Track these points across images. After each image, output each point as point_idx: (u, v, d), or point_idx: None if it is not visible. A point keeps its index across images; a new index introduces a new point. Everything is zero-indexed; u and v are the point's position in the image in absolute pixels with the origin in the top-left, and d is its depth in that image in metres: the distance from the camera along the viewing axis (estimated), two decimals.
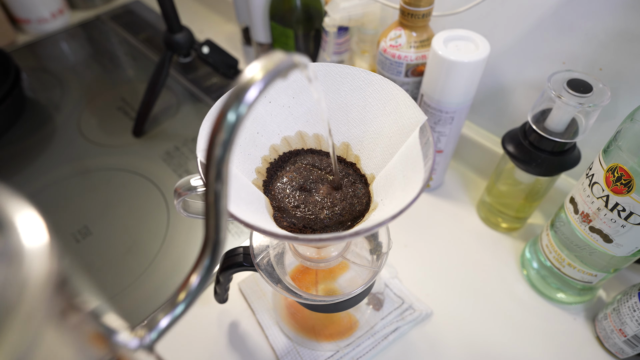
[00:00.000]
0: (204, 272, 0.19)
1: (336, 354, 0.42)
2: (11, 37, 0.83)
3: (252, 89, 0.17)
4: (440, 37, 0.43)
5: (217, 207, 0.18)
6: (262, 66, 0.17)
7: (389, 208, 0.24)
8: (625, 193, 0.34)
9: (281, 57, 0.18)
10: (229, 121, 0.17)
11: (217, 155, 0.17)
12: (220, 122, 0.17)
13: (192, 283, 0.20)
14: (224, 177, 0.18)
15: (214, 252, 0.19)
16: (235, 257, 0.36)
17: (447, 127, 0.48)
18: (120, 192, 0.58)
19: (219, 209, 0.18)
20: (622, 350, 0.41)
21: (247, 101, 0.17)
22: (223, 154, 0.17)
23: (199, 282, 0.20)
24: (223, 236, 0.19)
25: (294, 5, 0.57)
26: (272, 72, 0.17)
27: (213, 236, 0.19)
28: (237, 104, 0.16)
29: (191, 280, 0.20)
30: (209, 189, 0.18)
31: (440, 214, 0.55)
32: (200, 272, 0.19)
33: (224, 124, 0.17)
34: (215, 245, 0.19)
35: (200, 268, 0.19)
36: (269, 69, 0.17)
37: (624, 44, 0.40)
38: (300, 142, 0.31)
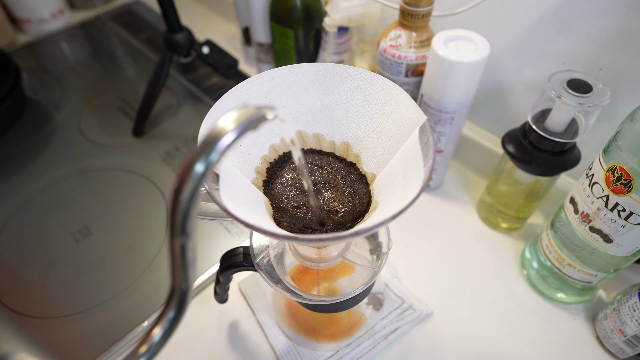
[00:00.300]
0: (168, 325, 0.18)
1: (336, 354, 0.42)
2: (11, 37, 0.83)
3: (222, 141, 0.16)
4: (440, 37, 0.43)
5: (184, 259, 0.17)
6: (234, 118, 0.17)
7: (389, 208, 0.24)
8: (625, 193, 0.34)
9: (252, 110, 0.17)
10: (196, 172, 0.16)
11: (183, 207, 0.16)
12: (186, 172, 0.16)
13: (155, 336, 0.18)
14: (189, 229, 0.17)
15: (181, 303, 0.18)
16: (235, 257, 0.36)
17: (447, 127, 0.48)
18: (120, 192, 0.58)
19: (185, 261, 0.18)
20: (622, 350, 0.41)
21: (217, 151, 0.16)
22: (189, 206, 0.16)
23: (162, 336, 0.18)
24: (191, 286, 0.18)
25: (294, 5, 0.57)
26: (243, 124, 0.17)
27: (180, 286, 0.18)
28: (207, 155, 0.16)
29: (154, 333, 0.18)
30: (175, 242, 0.17)
31: (440, 214, 0.55)
32: (164, 325, 0.18)
33: (192, 175, 0.16)
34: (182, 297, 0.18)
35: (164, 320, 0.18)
36: (241, 121, 0.17)
37: (624, 44, 0.40)
38: (300, 142, 0.31)
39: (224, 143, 0.16)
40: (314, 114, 0.30)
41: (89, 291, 0.48)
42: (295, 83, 0.29)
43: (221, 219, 0.37)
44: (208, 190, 0.23)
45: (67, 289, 0.48)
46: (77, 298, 0.47)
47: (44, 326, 0.45)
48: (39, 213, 0.56)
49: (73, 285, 0.48)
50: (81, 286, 0.48)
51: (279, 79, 0.29)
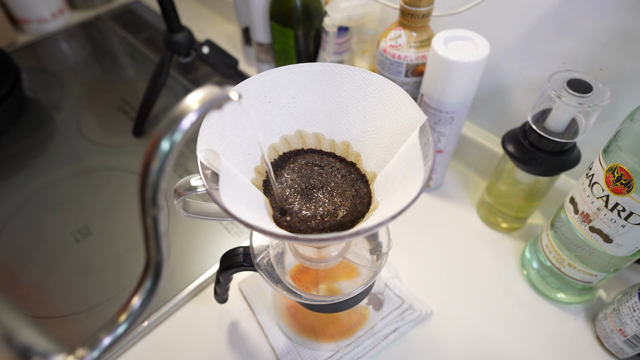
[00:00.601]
0: (146, 295, 0.20)
1: (336, 354, 0.42)
2: (11, 37, 0.83)
3: (186, 119, 0.17)
4: (440, 37, 0.43)
5: (157, 231, 0.19)
6: (198, 98, 0.18)
7: (389, 208, 0.24)
8: (625, 193, 0.34)
9: (216, 90, 0.18)
10: (162, 149, 0.17)
11: (152, 181, 0.18)
12: (153, 149, 0.17)
13: (134, 305, 0.20)
14: (159, 202, 0.18)
15: (156, 274, 0.19)
16: (235, 257, 0.36)
17: (447, 127, 0.48)
18: (120, 192, 0.58)
19: (158, 233, 0.19)
20: (622, 350, 0.41)
21: (181, 130, 0.17)
22: (157, 180, 0.18)
23: (141, 304, 0.20)
24: (164, 258, 0.19)
25: (294, 5, 0.57)
26: (207, 103, 0.18)
27: (154, 258, 0.19)
28: (171, 133, 0.17)
29: (133, 302, 0.20)
30: (147, 214, 0.18)
31: (440, 214, 0.55)
32: (142, 294, 0.20)
33: (158, 152, 0.17)
34: (157, 268, 0.19)
35: (142, 290, 0.20)
36: (205, 100, 0.18)
37: (624, 44, 0.40)
38: (300, 142, 0.31)
39: (187, 122, 0.17)
40: (314, 113, 0.30)
41: (89, 291, 0.48)
42: (295, 83, 0.29)
43: (221, 219, 0.37)
44: (208, 190, 0.23)
45: (67, 289, 0.48)
46: (77, 298, 0.47)
47: (44, 326, 0.45)
48: (39, 213, 0.56)
49: (73, 285, 0.48)
50: (81, 286, 0.48)
51: (279, 79, 0.29)
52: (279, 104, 0.30)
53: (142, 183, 0.18)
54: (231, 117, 0.28)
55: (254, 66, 0.76)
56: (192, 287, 0.47)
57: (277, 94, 0.29)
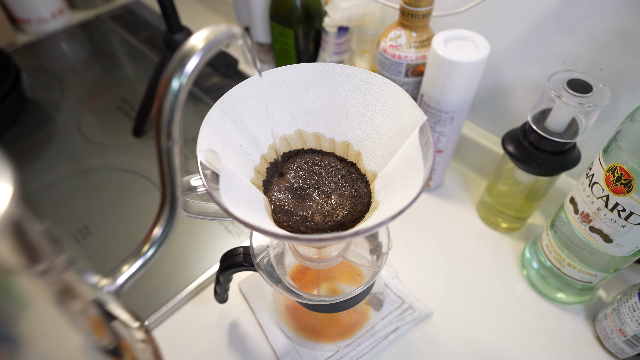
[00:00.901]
0: (166, 224, 0.21)
1: (336, 354, 0.42)
2: (11, 37, 0.83)
3: (194, 57, 0.18)
4: (440, 37, 0.43)
5: (171, 164, 0.20)
6: (204, 36, 0.18)
7: (389, 208, 0.24)
8: (625, 193, 0.34)
9: (221, 29, 0.19)
10: (173, 88, 0.18)
11: (166, 118, 0.18)
12: (165, 88, 0.18)
13: (156, 234, 0.21)
14: (174, 136, 0.19)
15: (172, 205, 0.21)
16: (235, 257, 0.36)
17: (447, 127, 0.48)
18: (120, 192, 0.58)
19: (172, 165, 0.20)
20: (622, 350, 0.41)
21: (188, 69, 0.18)
22: (171, 116, 0.18)
23: (162, 232, 0.21)
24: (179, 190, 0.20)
25: (294, 5, 0.57)
26: (212, 42, 0.18)
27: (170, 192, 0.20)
28: (181, 70, 0.18)
29: (154, 232, 0.21)
30: (161, 148, 0.19)
31: (440, 214, 0.55)
32: (161, 223, 0.21)
33: (169, 91, 0.18)
34: (172, 199, 0.20)
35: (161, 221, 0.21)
36: (210, 38, 0.18)
37: (624, 44, 0.40)
38: (300, 142, 0.31)
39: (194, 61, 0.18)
40: (314, 113, 0.30)
41: None
42: (295, 83, 0.29)
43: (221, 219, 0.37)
44: (208, 190, 0.23)
45: None
46: None
47: None
48: (39, 213, 0.56)
49: None
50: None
51: (279, 79, 0.29)
52: (279, 104, 0.30)
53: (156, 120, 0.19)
54: (231, 117, 0.28)
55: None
56: (192, 287, 0.47)
57: (277, 94, 0.29)
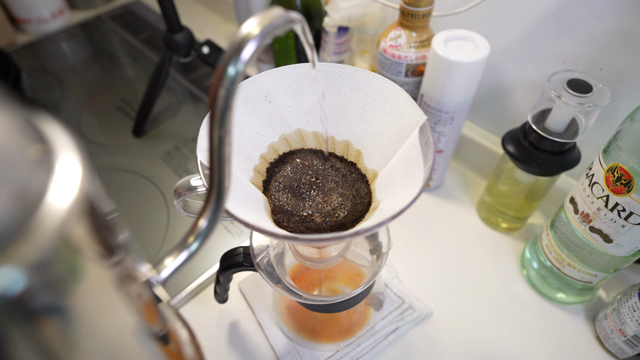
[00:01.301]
0: (212, 215, 0.20)
1: (336, 354, 0.42)
2: (11, 37, 0.83)
3: (250, 44, 0.18)
4: (440, 37, 0.43)
5: (221, 154, 0.19)
6: (258, 22, 0.18)
7: (389, 208, 0.24)
8: (625, 193, 0.34)
9: (277, 13, 0.18)
10: (229, 75, 0.18)
11: (220, 106, 0.18)
12: (221, 76, 0.18)
13: (201, 226, 0.20)
14: (227, 125, 0.18)
15: (219, 196, 0.20)
16: (235, 257, 0.36)
17: (447, 127, 0.48)
18: (120, 192, 0.58)
19: (222, 155, 0.19)
20: (622, 350, 0.41)
21: (244, 56, 0.18)
22: (226, 105, 0.18)
23: (208, 224, 0.20)
24: (227, 182, 0.20)
25: (294, 5, 0.57)
26: (268, 27, 0.18)
27: (217, 182, 0.19)
28: (236, 58, 0.17)
29: (199, 223, 0.20)
30: (213, 137, 0.18)
31: (440, 214, 0.55)
32: (207, 215, 0.20)
33: (225, 78, 0.18)
34: (219, 190, 0.20)
35: (207, 211, 0.20)
36: (265, 24, 0.18)
37: (624, 44, 0.40)
38: (299, 141, 0.31)
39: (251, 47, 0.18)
40: (314, 113, 0.30)
41: None
42: (295, 83, 0.29)
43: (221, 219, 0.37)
44: None
45: None
46: None
47: None
48: None
49: None
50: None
51: (279, 79, 0.29)
52: (279, 103, 0.30)
53: (211, 106, 0.18)
54: None
55: (254, 66, 0.76)
56: (192, 287, 0.47)
57: (277, 94, 0.29)
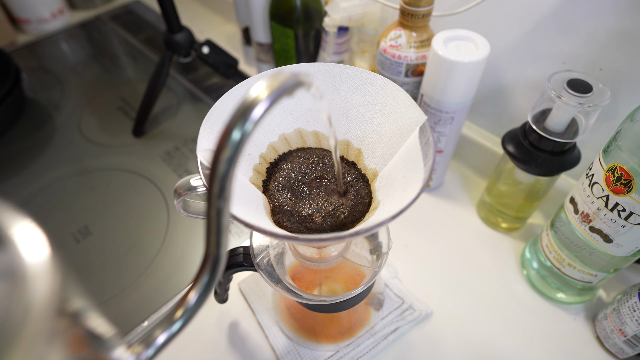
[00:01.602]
0: (203, 289, 0.19)
1: (336, 354, 0.42)
2: (11, 37, 0.83)
3: (258, 108, 0.17)
4: (440, 37, 0.43)
5: (219, 223, 0.18)
6: (267, 85, 0.17)
7: (389, 208, 0.24)
8: (625, 193, 0.34)
9: (287, 75, 0.18)
10: (234, 139, 0.17)
11: (222, 171, 0.17)
12: (225, 139, 0.17)
13: (190, 300, 0.19)
14: (227, 193, 0.17)
15: (214, 268, 0.19)
16: (235, 257, 0.36)
17: (447, 127, 0.48)
18: (120, 192, 0.58)
19: (221, 225, 0.18)
20: (622, 350, 0.41)
21: (253, 119, 0.17)
22: (227, 171, 0.17)
23: (197, 299, 0.19)
24: (223, 253, 0.19)
25: (294, 5, 0.57)
26: (277, 91, 0.17)
27: (214, 252, 0.19)
28: (243, 122, 0.17)
29: (189, 297, 0.19)
30: (212, 205, 0.18)
31: (440, 214, 0.55)
32: (198, 289, 0.19)
33: (229, 142, 0.17)
34: (215, 262, 0.19)
35: (198, 285, 0.19)
36: (274, 88, 0.17)
37: (624, 44, 0.40)
38: (299, 141, 0.31)
39: (259, 111, 0.17)
40: (314, 113, 0.30)
41: (88, 291, 0.48)
42: None
43: None
44: None
45: None
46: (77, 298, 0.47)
47: None
48: (38, 213, 0.56)
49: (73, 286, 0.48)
50: (81, 286, 0.48)
51: None
52: (278, 104, 0.30)
53: (211, 173, 0.17)
54: None
55: (254, 66, 0.76)
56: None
57: None
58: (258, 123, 0.17)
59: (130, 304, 0.46)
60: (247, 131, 0.17)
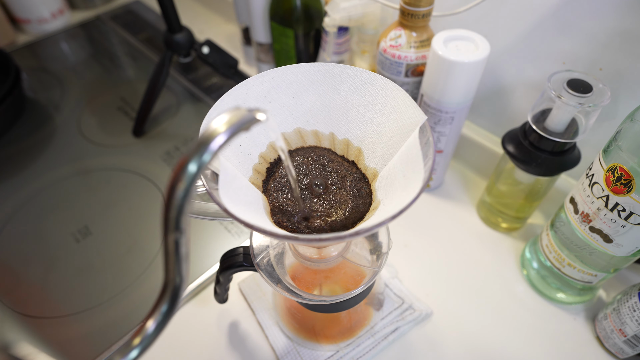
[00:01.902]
0: (161, 318, 0.19)
1: (336, 354, 0.42)
2: (11, 37, 0.83)
3: (214, 142, 0.17)
4: (440, 37, 0.43)
5: (178, 254, 0.18)
6: (226, 121, 0.17)
7: (389, 208, 0.24)
8: (625, 193, 0.34)
9: (243, 112, 0.18)
10: (189, 172, 0.17)
11: (177, 204, 0.17)
12: (180, 171, 0.17)
13: (148, 328, 0.19)
14: (182, 226, 0.18)
15: (174, 297, 0.19)
16: (235, 257, 0.36)
17: (447, 127, 0.48)
18: (120, 192, 0.58)
19: (179, 256, 0.18)
20: (622, 350, 0.41)
21: (209, 152, 0.17)
22: (182, 203, 0.17)
23: (155, 328, 0.19)
24: (184, 281, 0.19)
25: (294, 5, 0.57)
26: (234, 126, 0.17)
27: (173, 281, 0.19)
28: (199, 155, 0.17)
29: (147, 325, 0.19)
30: (169, 237, 0.18)
31: (440, 214, 0.55)
32: (157, 317, 0.19)
33: (185, 174, 0.17)
34: (175, 291, 0.19)
35: (157, 313, 0.19)
36: (232, 123, 0.17)
37: (624, 44, 0.40)
38: (299, 140, 0.31)
39: (216, 144, 0.17)
40: (314, 113, 0.30)
41: (89, 291, 0.48)
42: (296, 83, 0.29)
43: (221, 219, 0.37)
44: (208, 190, 0.23)
45: (67, 289, 0.48)
46: (77, 298, 0.47)
47: (44, 326, 0.45)
48: (39, 213, 0.56)
49: (73, 285, 0.48)
50: (81, 286, 0.48)
51: (279, 79, 0.29)
52: (279, 103, 0.30)
53: (166, 204, 0.17)
54: None
55: (254, 66, 0.76)
56: (192, 287, 0.47)
57: (277, 94, 0.29)
58: (215, 154, 0.17)
59: (130, 304, 0.46)
60: (203, 163, 0.17)
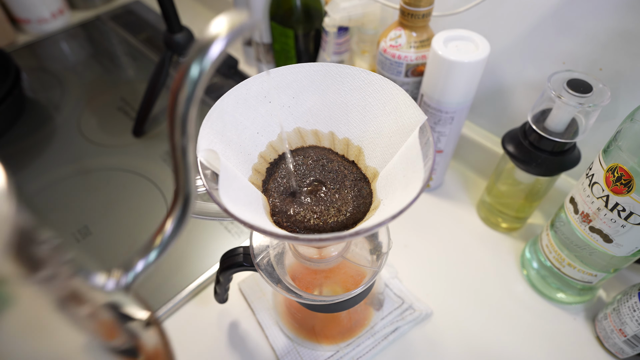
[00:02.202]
0: (177, 221, 0.20)
1: (336, 354, 0.42)
2: (11, 37, 0.83)
3: (216, 44, 0.16)
4: (440, 37, 0.43)
5: (185, 162, 0.19)
6: (227, 22, 0.17)
7: (389, 208, 0.24)
8: (625, 193, 0.34)
9: (245, 16, 0.17)
10: (191, 76, 0.16)
11: (181, 111, 0.17)
12: (182, 77, 0.16)
13: (167, 229, 0.20)
14: (188, 132, 0.18)
15: (185, 203, 0.20)
16: (235, 257, 0.36)
17: (447, 127, 0.48)
18: (120, 192, 0.58)
19: (187, 164, 0.19)
20: (622, 350, 0.41)
21: (211, 57, 0.16)
22: (186, 110, 0.17)
23: (172, 231, 0.20)
24: (193, 189, 0.20)
25: (294, 5, 0.57)
26: (236, 30, 0.17)
27: (183, 189, 0.20)
28: (201, 58, 0.16)
29: (166, 226, 0.20)
30: (176, 146, 0.18)
31: (440, 214, 0.55)
32: (173, 220, 0.20)
33: (187, 79, 0.16)
34: (185, 198, 0.20)
35: (173, 216, 0.20)
36: (234, 26, 0.17)
37: (624, 44, 0.40)
38: (299, 140, 0.31)
39: (217, 48, 0.16)
40: (314, 113, 0.30)
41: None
42: (296, 83, 0.29)
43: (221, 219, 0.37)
44: (208, 190, 0.23)
45: None
46: None
47: None
48: (39, 213, 0.56)
49: None
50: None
51: (279, 79, 0.29)
52: (279, 103, 0.30)
53: (170, 114, 0.17)
54: (232, 117, 0.28)
55: (254, 66, 0.76)
56: (192, 287, 0.47)
57: (277, 94, 0.29)
58: (217, 61, 0.16)
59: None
60: (205, 68, 0.16)
